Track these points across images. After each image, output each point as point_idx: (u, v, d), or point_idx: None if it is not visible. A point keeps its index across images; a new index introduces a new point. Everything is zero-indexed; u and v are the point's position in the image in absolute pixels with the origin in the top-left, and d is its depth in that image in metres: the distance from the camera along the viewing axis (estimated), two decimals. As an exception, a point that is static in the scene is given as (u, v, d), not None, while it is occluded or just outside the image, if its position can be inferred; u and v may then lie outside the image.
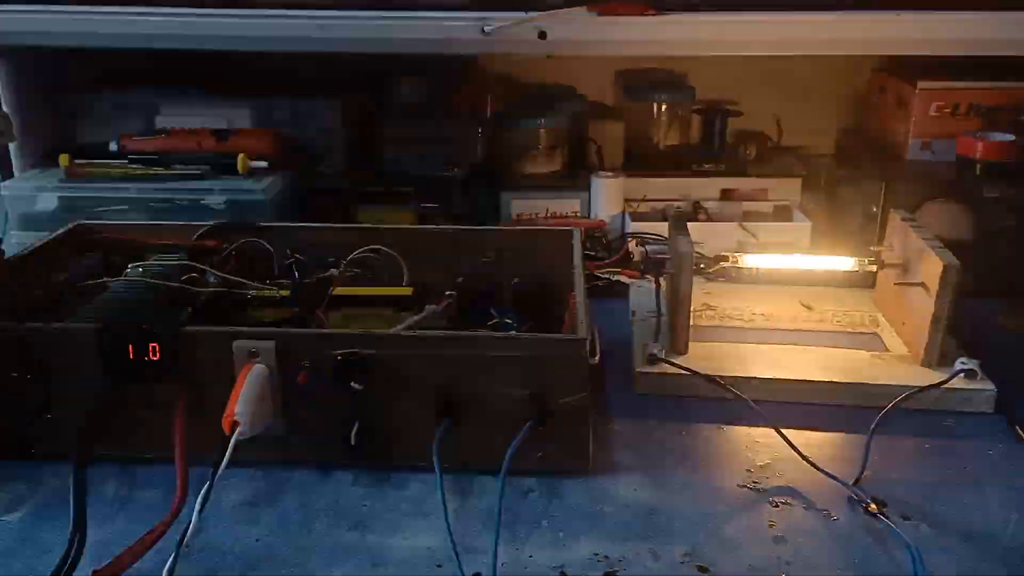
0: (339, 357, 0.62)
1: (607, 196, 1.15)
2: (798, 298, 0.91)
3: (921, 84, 1.05)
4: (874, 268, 0.82)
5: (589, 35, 0.97)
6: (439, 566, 0.55)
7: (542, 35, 0.95)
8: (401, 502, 0.62)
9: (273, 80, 1.19)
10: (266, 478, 0.65)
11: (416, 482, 0.64)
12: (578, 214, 1.18)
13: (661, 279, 0.81)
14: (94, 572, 0.54)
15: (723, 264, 0.82)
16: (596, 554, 0.56)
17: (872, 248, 0.84)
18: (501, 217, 1.18)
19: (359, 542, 0.58)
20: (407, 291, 0.75)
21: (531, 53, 1.00)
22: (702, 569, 0.55)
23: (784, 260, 0.85)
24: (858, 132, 1.24)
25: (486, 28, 0.96)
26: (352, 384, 0.61)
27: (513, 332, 0.63)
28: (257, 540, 0.58)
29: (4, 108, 1.10)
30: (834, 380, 0.74)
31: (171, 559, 0.52)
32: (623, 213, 1.16)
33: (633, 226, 1.12)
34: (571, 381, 0.61)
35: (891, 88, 1.13)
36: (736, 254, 0.83)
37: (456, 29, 0.97)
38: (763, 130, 1.29)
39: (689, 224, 0.84)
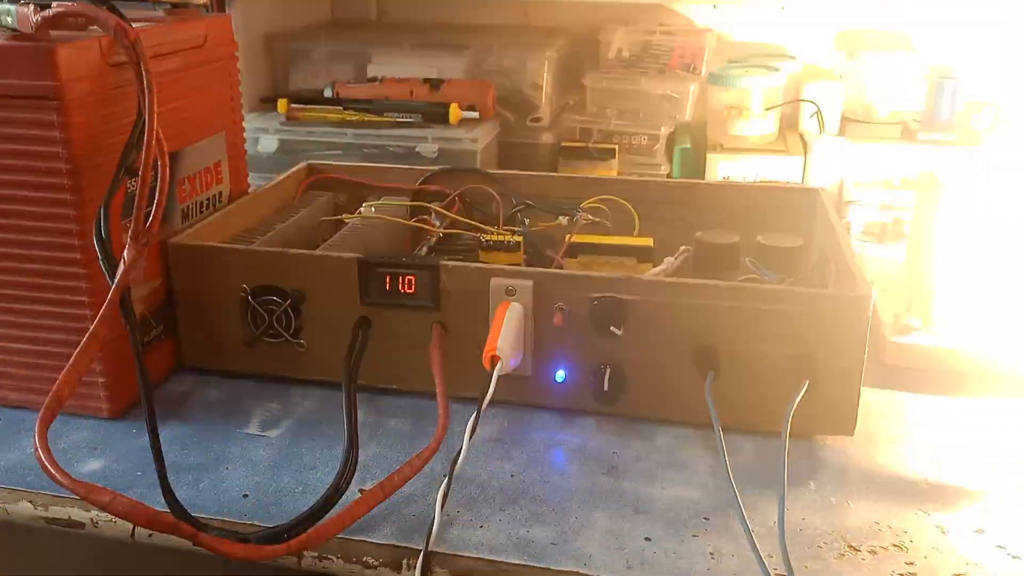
0: (596, 300, 0.60)
1: (826, 162, 1.09)
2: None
3: None
4: None
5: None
6: (706, 519, 0.53)
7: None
8: (651, 452, 0.60)
9: (483, 31, 1.19)
10: (509, 416, 0.64)
11: (663, 434, 0.62)
12: (790, 181, 1.12)
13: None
14: (361, 491, 0.55)
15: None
16: (876, 523, 0.52)
17: None
18: (706, 179, 1.14)
19: (616, 487, 0.56)
20: (647, 241, 0.72)
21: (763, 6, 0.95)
22: (1001, 548, 0.50)
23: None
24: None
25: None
26: (612, 329, 0.59)
27: (787, 286, 0.59)
28: (511, 476, 0.57)
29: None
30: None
31: (444, 483, 0.52)
32: (842, 181, 1.09)
33: (853, 194, 1.06)
34: (848, 342, 0.57)
35: None
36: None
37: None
38: (994, 102, 1.18)
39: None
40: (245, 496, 0.55)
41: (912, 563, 0.49)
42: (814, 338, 0.58)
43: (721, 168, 1.14)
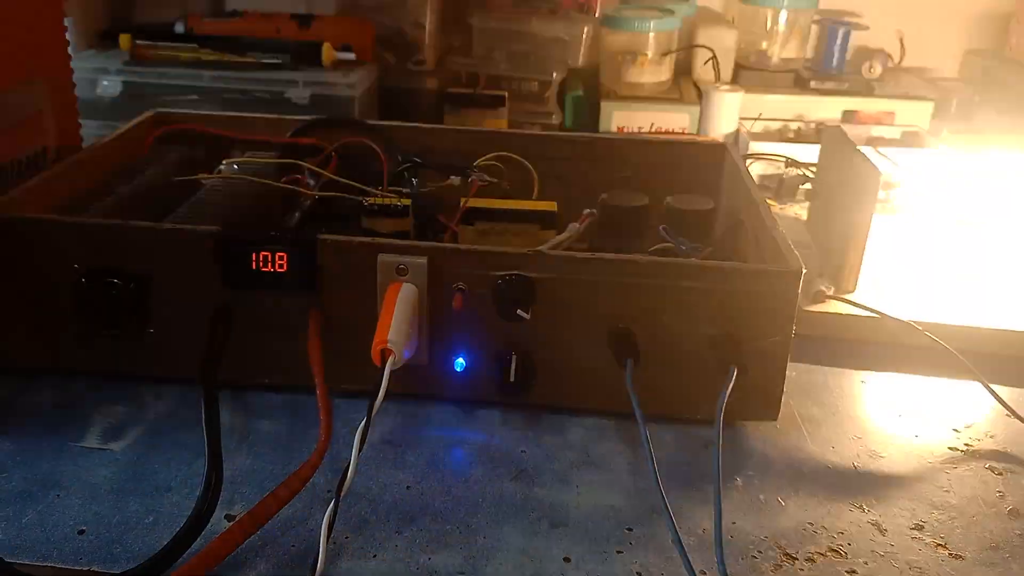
0: (501, 280, 0.53)
1: (722, 112, 1.04)
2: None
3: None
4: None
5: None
6: (630, 529, 0.47)
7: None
8: (564, 449, 0.54)
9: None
10: (402, 412, 0.56)
11: (575, 426, 0.56)
12: (686, 130, 1.07)
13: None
14: (228, 517, 0.46)
15: (890, 192, 0.72)
16: (810, 523, 0.48)
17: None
18: (599, 128, 1.08)
19: (527, 496, 0.50)
20: (551, 206, 0.65)
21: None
22: (941, 547, 0.47)
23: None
24: (995, 53, 1.12)
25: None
26: (519, 312, 0.52)
27: (712, 260, 0.53)
28: (408, 488, 0.50)
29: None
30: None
31: (331, 507, 0.44)
32: (738, 132, 1.05)
33: (749, 146, 1.02)
34: (774, 320, 0.52)
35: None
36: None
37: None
38: (883, 48, 1.17)
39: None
40: (81, 532, 0.45)
41: (854, 571, 0.45)
42: (739, 317, 0.52)
43: (615, 117, 1.07)
